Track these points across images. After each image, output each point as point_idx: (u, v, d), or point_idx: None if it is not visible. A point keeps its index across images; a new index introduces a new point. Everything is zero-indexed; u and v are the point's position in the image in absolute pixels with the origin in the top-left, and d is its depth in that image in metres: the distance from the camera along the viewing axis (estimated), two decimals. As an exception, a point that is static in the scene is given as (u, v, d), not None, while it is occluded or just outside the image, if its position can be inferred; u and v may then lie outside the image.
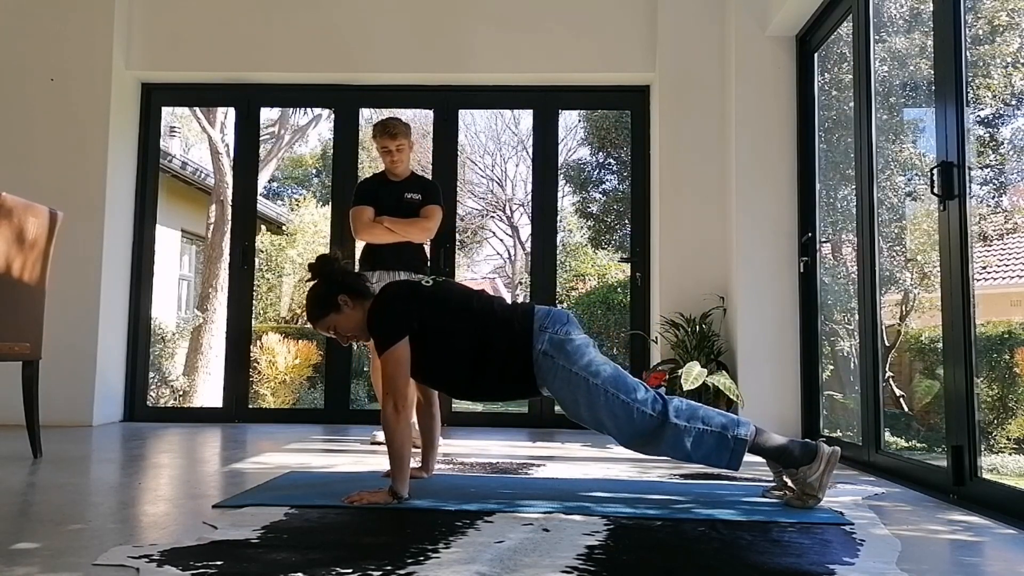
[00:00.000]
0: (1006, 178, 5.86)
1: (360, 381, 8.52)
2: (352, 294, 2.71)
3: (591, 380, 2.58)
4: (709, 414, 2.61)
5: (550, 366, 2.61)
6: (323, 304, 2.72)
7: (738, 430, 2.57)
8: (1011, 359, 5.25)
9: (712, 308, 4.76)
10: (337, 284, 2.72)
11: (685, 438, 2.56)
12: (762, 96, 4.73)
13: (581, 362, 2.60)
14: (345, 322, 2.72)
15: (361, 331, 2.75)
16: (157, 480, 3.07)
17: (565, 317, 2.70)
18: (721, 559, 1.96)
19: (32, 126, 5.09)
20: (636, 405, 2.57)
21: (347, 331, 2.75)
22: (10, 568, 1.77)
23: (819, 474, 2.56)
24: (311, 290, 2.78)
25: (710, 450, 2.57)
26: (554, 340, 2.61)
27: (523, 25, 5.24)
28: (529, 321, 2.65)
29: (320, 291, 2.74)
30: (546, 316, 2.67)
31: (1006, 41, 5.34)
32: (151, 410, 5.69)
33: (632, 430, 2.59)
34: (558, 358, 2.60)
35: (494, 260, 19.94)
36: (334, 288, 2.71)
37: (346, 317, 2.71)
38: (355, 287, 2.74)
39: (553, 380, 2.62)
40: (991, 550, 2.16)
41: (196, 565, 1.80)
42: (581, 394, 2.59)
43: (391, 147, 4.19)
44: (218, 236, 9.53)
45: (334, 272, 2.75)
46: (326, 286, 2.73)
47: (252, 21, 5.32)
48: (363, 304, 2.72)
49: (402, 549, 1.98)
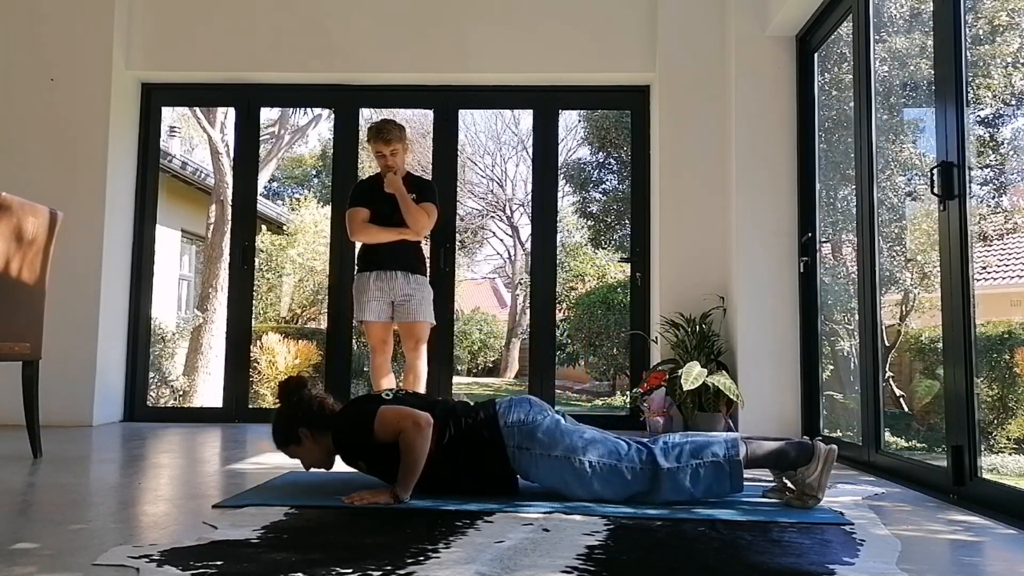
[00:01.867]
0: (1006, 178, 5.86)
1: (360, 381, 8.52)
2: (312, 428, 2.70)
3: (573, 458, 2.58)
4: (697, 446, 2.59)
5: (528, 458, 2.61)
6: (284, 435, 2.73)
7: (729, 452, 2.57)
8: (1011, 359, 5.25)
9: (712, 308, 4.76)
10: (297, 419, 2.71)
11: (682, 479, 2.56)
12: (762, 96, 4.73)
13: (556, 443, 2.60)
14: (306, 454, 2.73)
15: (323, 462, 2.75)
16: (157, 480, 3.07)
17: (527, 404, 2.69)
18: (721, 559, 1.96)
19: (32, 126, 5.08)
20: (624, 464, 2.56)
21: (308, 462, 2.75)
22: (10, 568, 1.77)
23: (817, 474, 2.56)
24: (275, 415, 2.79)
25: (710, 482, 2.57)
26: (523, 431, 2.61)
27: (523, 25, 5.24)
28: (494, 419, 2.64)
29: (280, 423, 2.75)
30: (508, 409, 2.66)
31: (1006, 41, 5.34)
32: (151, 410, 5.69)
33: (628, 490, 2.58)
34: (533, 448, 2.60)
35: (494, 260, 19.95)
36: (295, 422, 2.71)
37: (306, 450, 2.72)
38: (316, 422, 2.70)
39: (536, 470, 2.62)
40: (991, 550, 2.16)
41: (196, 565, 1.80)
42: (569, 475, 2.59)
43: (385, 151, 4.20)
44: (218, 236, 9.53)
45: (300, 402, 2.73)
46: (286, 419, 2.73)
47: (252, 21, 5.32)
48: (325, 436, 2.70)
49: (402, 549, 1.98)
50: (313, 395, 2.77)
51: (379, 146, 4.20)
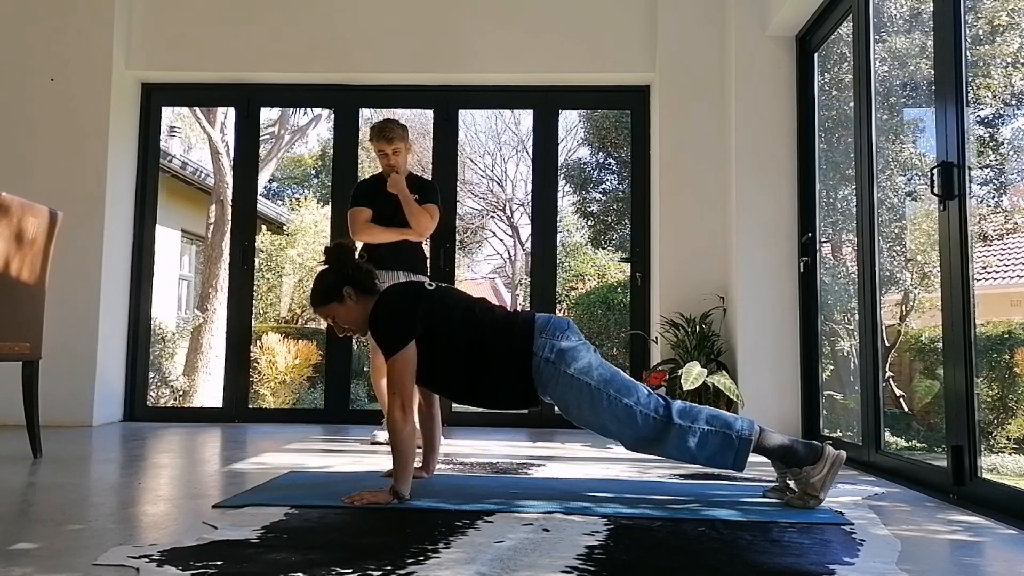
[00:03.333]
0: (1006, 178, 5.86)
1: (360, 381, 8.52)
2: (358, 289, 2.72)
3: (592, 385, 2.59)
4: (713, 414, 2.61)
5: (551, 372, 2.61)
6: (328, 292, 2.73)
7: (742, 430, 2.57)
8: (1011, 359, 5.25)
9: (712, 308, 4.76)
10: (345, 276, 2.73)
11: (689, 439, 2.56)
12: (762, 96, 4.73)
13: (582, 367, 2.60)
14: (346, 314, 2.73)
15: (359, 326, 2.76)
16: (157, 480, 3.07)
17: (565, 324, 2.70)
18: (721, 559, 1.96)
19: (32, 126, 5.09)
20: (639, 408, 2.57)
21: (346, 323, 2.76)
22: (10, 568, 1.77)
23: (822, 475, 2.56)
24: (319, 275, 2.79)
25: (715, 450, 2.57)
26: (554, 347, 2.62)
27: (523, 25, 5.24)
28: (530, 328, 2.65)
29: (327, 278, 2.75)
30: (546, 323, 2.67)
31: (1006, 41, 5.34)
32: (151, 410, 5.69)
33: (636, 433, 2.59)
34: (559, 364, 2.60)
35: (494, 260, 19.93)
36: (341, 279, 2.73)
37: (347, 309, 2.73)
38: (363, 283, 2.74)
39: (555, 386, 2.62)
40: (991, 550, 2.16)
41: (196, 565, 1.80)
42: (584, 399, 2.60)
43: (387, 150, 4.20)
44: (218, 236, 9.53)
45: (346, 263, 2.76)
46: (334, 275, 2.74)
47: (252, 21, 5.32)
48: (367, 301, 2.73)
49: (402, 549, 1.98)
50: (361, 262, 2.82)
51: (381, 145, 4.20)
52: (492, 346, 2.65)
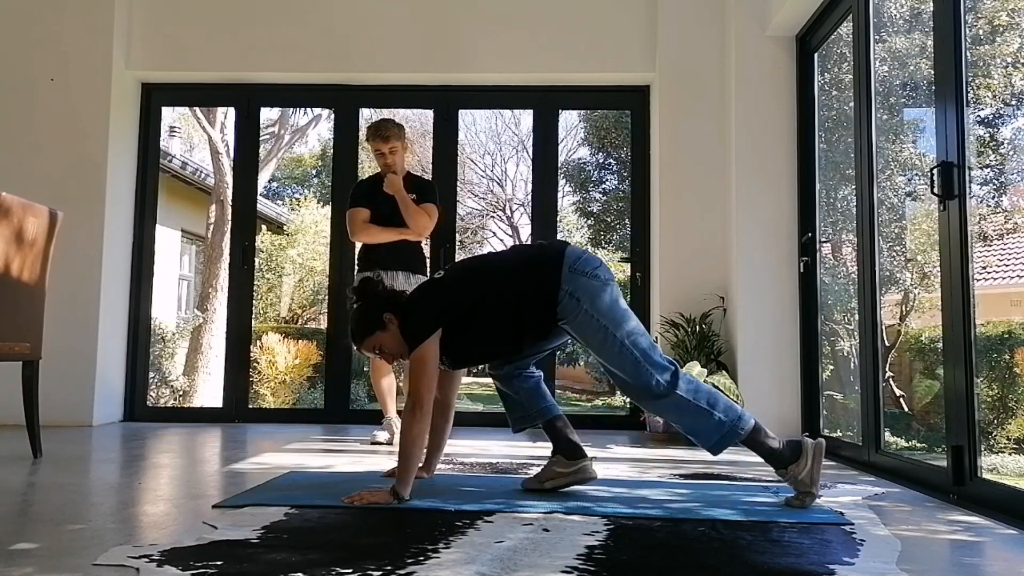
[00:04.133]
0: (1006, 178, 5.86)
1: (360, 381, 8.52)
2: (396, 311, 2.70)
3: (609, 329, 2.59)
4: (714, 397, 2.62)
5: (574, 308, 2.60)
6: (369, 323, 2.71)
7: (735, 422, 2.58)
8: (1011, 359, 5.25)
9: (712, 308, 4.76)
10: (382, 301, 2.74)
11: (682, 409, 2.59)
12: (762, 96, 4.73)
13: (603, 309, 2.60)
14: (390, 340, 2.71)
15: (405, 350, 2.72)
16: (157, 480, 3.07)
17: (597, 262, 2.69)
18: (721, 559, 1.96)
19: (32, 126, 5.08)
20: (647, 366, 2.58)
21: (392, 350, 2.73)
22: (10, 568, 1.77)
23: (808, 469, 2.57)
24: (356, 311, 2.77)
25: (700, 428, 2.60)
26: (582, 283, 2.61)
27: (523, 25, 5.24)
28: (559, 260, 2.65)
29: (365, 311, 2.74)
30: (577, 258, 2.66)
31: (1006, 41, 5.34)
32: (151, 410, 5.69)
33: (637, 385, 2.61)
34: (583, 301, 2.59)
35: (494, 260, 19.90)
36: (379, 306, 2.72)
37: (391, 335, 2.70)
38: (399, 304, 2.73)
39: (575, 320, 2.62)
40: (991, 550, 2.16)
41: (196, 565, 1.80)
42: (598, 339, 2.60)
43: (384, 150, 4.21)
44: (218, 236, 9.53)
45: (377, 292, 2.77)
46: (370, 305, 2.74)
47: (252, 21, 5.32)
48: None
49: (402, 549, 1.98)
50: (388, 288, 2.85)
51: (378, 144, 4.21)
52: (521, 291, 2.65)
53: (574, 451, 2.84)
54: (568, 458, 2.82)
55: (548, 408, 2.90)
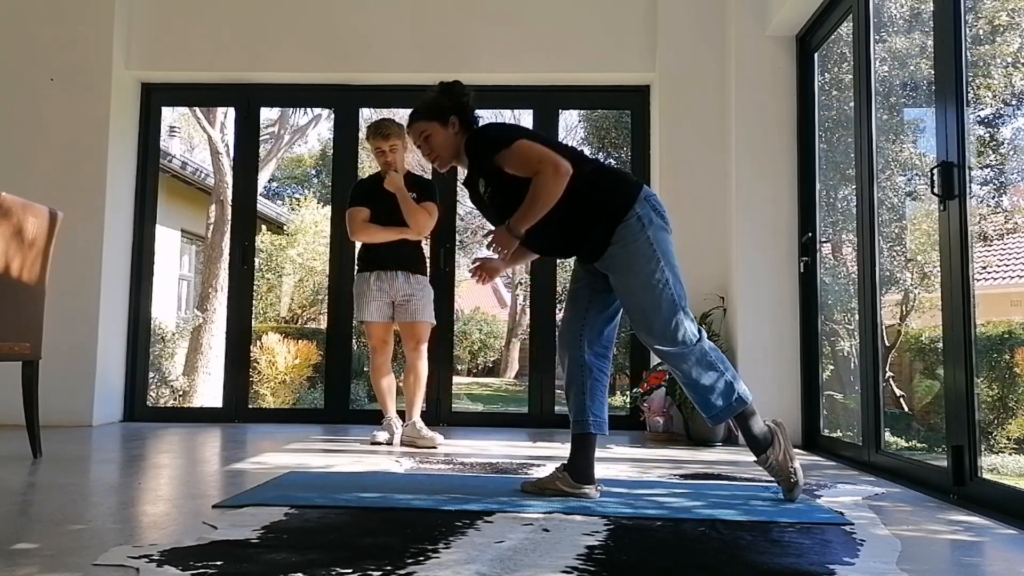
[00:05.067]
0: (1006, 178, 5.86)
1: (360, 381, 8.53)
2: (463, 122, 2.79)
3: (662, 263, 2.61)
4: (727, 363, 2.69)
5: (637, 232, 2.61)
6: (438, 109, 2.79)
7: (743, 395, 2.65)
8: (1011, 359, 5.25)
9: (712, 308, 4.76)
10: (459, 106, 2.80)
11: (704, 366, 2.63)
12: (762, 96, 4.73)
13: (664, 245, 2.64)
14: (442, 139, 2.79)
15: (447, 155, 2.81)
16: (157, 480, 3.07)
17: (666, 209, 2.75)
18: (721, 559, 1.96)
19: (32, 126, 5.08)
20: (681, 312, 2.62)
21: (437, 146, 2.80)
22: (10, 568, 1.77)
23: (781, 450, 2.64)
24: (433, 94, 2.84)
25: (712, 391, 2.63)
26: (651, 216, 2.65)
27: (523, 25, 5.24)
28: (637, 190, 2.68)
29: (442, 99, 2.81)
30: (653, 197, 2.72)
31: (1006, 41, 5.35)
32: (151, 410, 5.69)
33: (663, 331, 2.62)
34: (648, 228, 2.62)
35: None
36: (454, 107, 2.79)
37: (446, 135, 2.79)
38: (469, 120, 2.81)
39: (631, 244, 2.61)
40: (991, 550, 2.16)
41: (196, 565, 1.80)
42: (646, 272, 2.61)
43: (384, 147, 4.21)
44: (218, 236, 9.53)
45: (461, 98, 2.82)
46: (448, 99, 2.81)
47: (252, 21, 5.32)
48: (463, 136, 2.79)
49: (402, 549, 1.97)
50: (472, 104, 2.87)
51: (378, 142, 4.21)
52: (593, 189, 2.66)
53: (586, 475, 2.75)
54: (577, 480, 2.74)
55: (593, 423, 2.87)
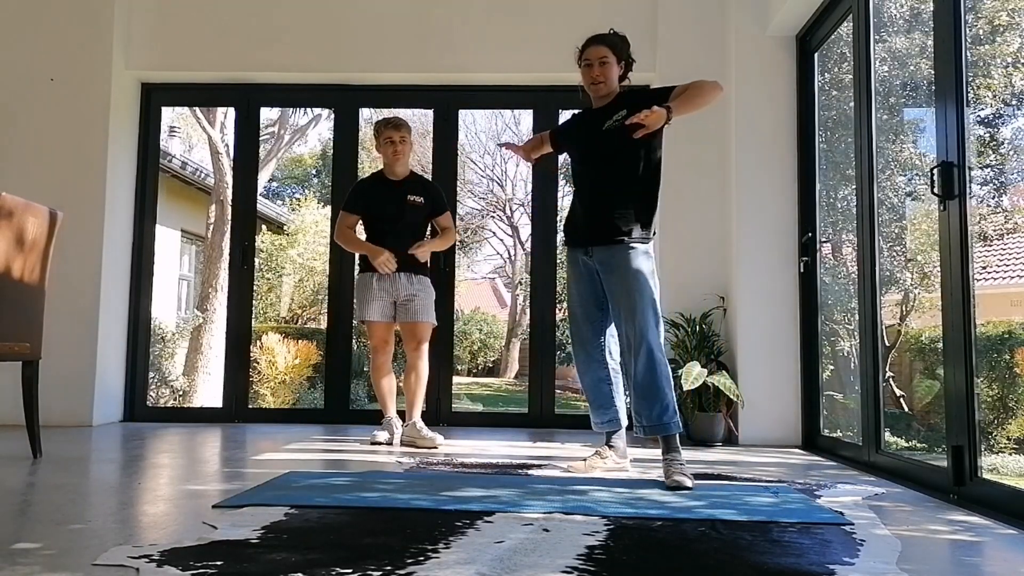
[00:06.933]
0: (1006, 178, 5.86)
1: (360, 381, 8.52)
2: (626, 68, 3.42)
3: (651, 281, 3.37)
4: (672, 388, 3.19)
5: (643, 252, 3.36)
6: (620, 48, 3.37)
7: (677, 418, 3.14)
8: (1011, 359, 5.25)
9: (712, 308, 4.76)
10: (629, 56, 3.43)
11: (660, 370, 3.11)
12: (762, 96, 4.73)
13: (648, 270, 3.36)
14: (613, 71, 3.35)
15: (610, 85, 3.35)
16: (157, 480, 3.07)
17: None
18: (721, 559, 1.96)
19: (32, 126, 5.08)
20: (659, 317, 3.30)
21: (609, 72, 3.33)
22: (10, 568, 1.77)
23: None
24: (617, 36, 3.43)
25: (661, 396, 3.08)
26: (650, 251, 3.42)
27: (523, 25, 5.24)
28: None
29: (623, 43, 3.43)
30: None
31: (1006, 41, 5.35)
32: (151, 410, 5.69)
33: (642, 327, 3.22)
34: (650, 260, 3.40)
35: (494, 260, 19.93)
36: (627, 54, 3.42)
37: (616, 69, 3.37)
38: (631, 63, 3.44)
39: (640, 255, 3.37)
40: (991, 550, 2.16)
41: (196, 565, 1.80)
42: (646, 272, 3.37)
43: (395, 138, 4.22)
44: (218, 236, 9.53)
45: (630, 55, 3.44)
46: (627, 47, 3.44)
47: (252, 21, 5.31)
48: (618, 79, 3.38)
49: (402, 549, 1.98)
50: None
51: (389, 132, 4.23)
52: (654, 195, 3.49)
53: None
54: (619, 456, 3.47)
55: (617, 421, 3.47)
